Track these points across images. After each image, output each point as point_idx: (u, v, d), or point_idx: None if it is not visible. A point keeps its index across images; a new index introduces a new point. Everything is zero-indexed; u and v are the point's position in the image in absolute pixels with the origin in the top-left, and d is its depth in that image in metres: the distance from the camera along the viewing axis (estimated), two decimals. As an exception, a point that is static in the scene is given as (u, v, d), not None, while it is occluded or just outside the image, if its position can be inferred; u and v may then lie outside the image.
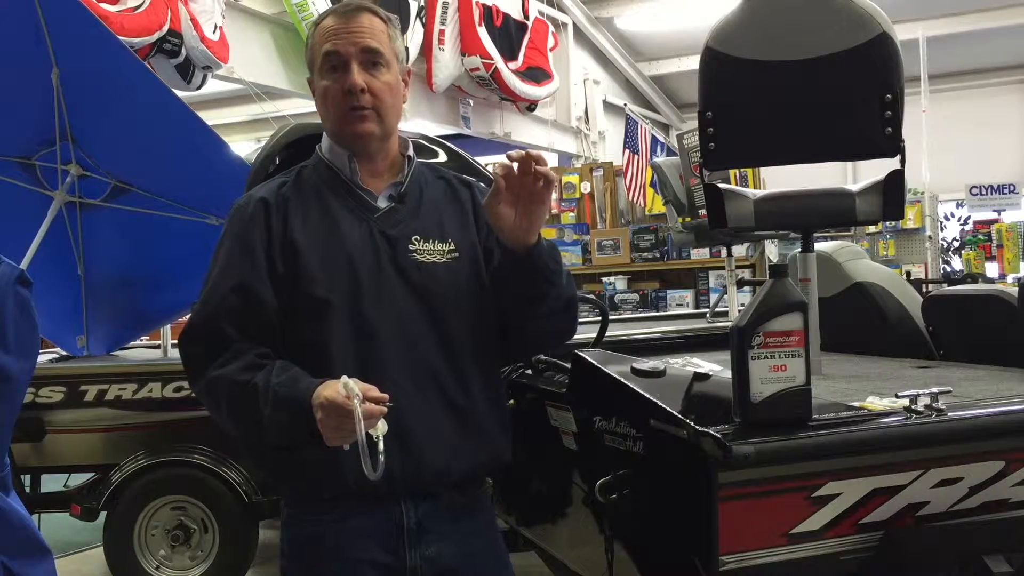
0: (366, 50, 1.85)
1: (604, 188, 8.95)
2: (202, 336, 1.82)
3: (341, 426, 1.62)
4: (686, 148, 4.98)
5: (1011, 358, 2.57)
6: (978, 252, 9.92)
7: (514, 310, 1.90)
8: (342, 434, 1.64)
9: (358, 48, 1.85)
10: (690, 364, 2.34)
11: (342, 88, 1.84)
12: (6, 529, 1.58)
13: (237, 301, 1.80)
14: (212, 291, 1.84)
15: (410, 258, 1.87)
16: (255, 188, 1.96)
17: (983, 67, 12.94)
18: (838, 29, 2.48)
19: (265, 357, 1.78)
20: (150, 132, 4.19)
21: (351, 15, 1.87)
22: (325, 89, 1.87)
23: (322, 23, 1.90)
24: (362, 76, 1.84)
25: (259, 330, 1.81)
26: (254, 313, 1.81)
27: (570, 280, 1.93)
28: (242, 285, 1.81)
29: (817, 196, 2.75)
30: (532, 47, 9.93)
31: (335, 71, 1.85)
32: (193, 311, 1.86)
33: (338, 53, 1.84)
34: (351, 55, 1.84)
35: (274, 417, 1.70)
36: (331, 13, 1.90)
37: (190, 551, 4.26)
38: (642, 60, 13.66)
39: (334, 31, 1.86)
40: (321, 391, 1.66)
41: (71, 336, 4.89)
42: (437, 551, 1.85)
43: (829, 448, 1.75)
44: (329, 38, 1.86)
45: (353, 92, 1.83)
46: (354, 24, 1.86)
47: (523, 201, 1.76)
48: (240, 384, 1.74)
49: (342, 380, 1.64)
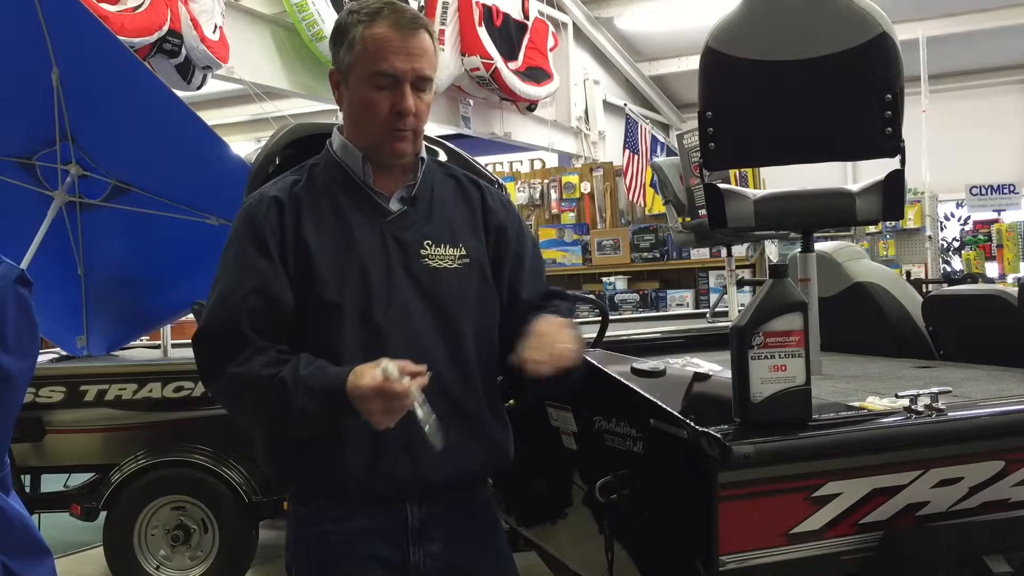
0: (421, 77, 1.84)
1: (604, 188, 8.96)
2: (221, 336, 1.80)
3: (390, 408, 1.65)
4: (686, 148, 4.97)
5: (1011, 358, 2.58)
6: (978, 252, 9.92)
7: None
8: (392, 416, 1.66)
9: (415, 73, 1.83)
10: (690, 364, 2.34)
11: (391, 108, 1.83)
12: (6, 529, 1.58)
13: (258, 302, 1.79)
14: (230, 290, 1.81)
15: (421, 263, 1.87)
16: (266, 186, 1.94)
17: (983, 67, 12.93)
18: (838, 29, 2.48)
19: (285, 353, 1.78)
20: (150, 132, 4.19)
21: (410, 32, 1.82)
22: (370, 103, 1.84)
23: (375, 28, 1.82)
24: (412, 99, 1.83)
25: (277, 330, 1.80)
26: (274, 314, 1.80)
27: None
28: (263, 286, 1.80)
29: (817, 196, 2.75)
30: (532, 47, 9.93)
31: (384, 88, 1.83)
32: (208, 310, 1.83)
33: (394, 76, 1.82)
34: (407, 79, 1.82)
35: (307, 408, 1.70)
36: (384, 19, 1.82)
37: (190, 551, 4.25)
38: (642, 60, 13.66)
39: (392, 47, 1.81)
40: (359, 381, 1.67)
41: (71, 336, 4.88)
42: (440, 548, 1.87)
43: (829, 448, 1.75)
44: (386, 55, 1.81)
45: (403, 116, 1.83)
46: (413, 45, 1.82)
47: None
48: (266, 378, 1.73)
49: (381, 366, 1.65)
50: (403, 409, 1.65)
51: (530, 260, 2.01)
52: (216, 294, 1.83)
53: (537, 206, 9.23)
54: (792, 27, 2.54)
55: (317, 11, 7.00)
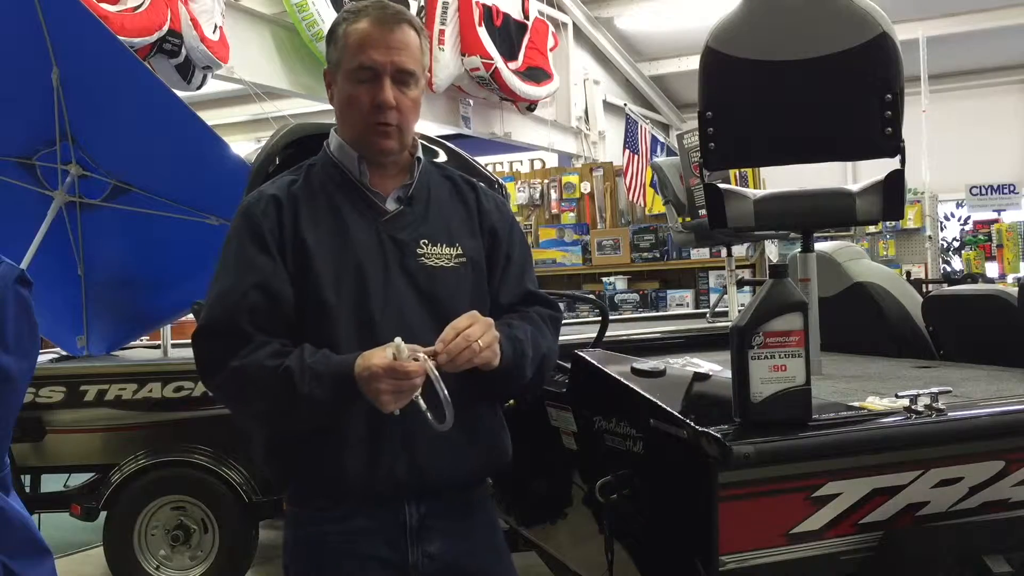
0: (401, 70, 1.84)
1: (604, 188, 8.96)
2: (222, 332, 1.79)
3: (400, 389, 1.65)
4: (686, 148, 4.98)
5: (1011, 358, 2.58)
6: (978, 252, 9.93)
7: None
8: (401, 397, 1.66)
9: (394, 66, 1.83)
10: (690, 364, 2.34)
11: (371, 101, 1.83)
12: (6, 529, 1.58)
13: (259, 298, 1.79)
14: (230, 288, 1.81)
15: (418, 262, 1.87)
16: (265, 185, 1.95)
17: (983, 67, 12.94)
18: (838, 29, 2.48)
19: (287, 346, 1.78)
20: (150, 132, 4.19)
21: (390, 26, 1.84)
22: (352, 97, 1.85)
23: (357, 24, 1.85)
24: (393, 92, 1.83)
25: (278, 327, 1.80)
26: (275, 310, 1.80)
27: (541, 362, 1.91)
28: (263, 282, 1.80)
29: (817, 196, 2.75)
30: (532, 47, 9.93)
31: (366, 82, 1.84)
32: (208, 307, 1.83)
33: (373, 68, 1.83)
34: (386, 71, 1.83)
35: (314, 394, 1.70)
36: (367, 15, 1.85)
37: (190, 551, 4.25)
38: (642, 60, 13.66)
39: (371, 41, 1.83)
40: (369, 361, 1.67)
41: (71, 336, 4.88)
42: (439, 548, 1.86)
43: (829, 448, 1.75)
44: (365, 48, 1.83)
45: (382, 108, 1.83)
46: (393, 38, 1.83)
47: None
48: (271, 368, 1.73)
49: (395, 344, 1.65)
50: (413, 390, 1.65)
51: (516, 265, 2.00)
52: (215, 291, 1.83)
53: (537, 206, 9.23)
54: (792, 27, 2.54)
55: (317, 11, 7.01)
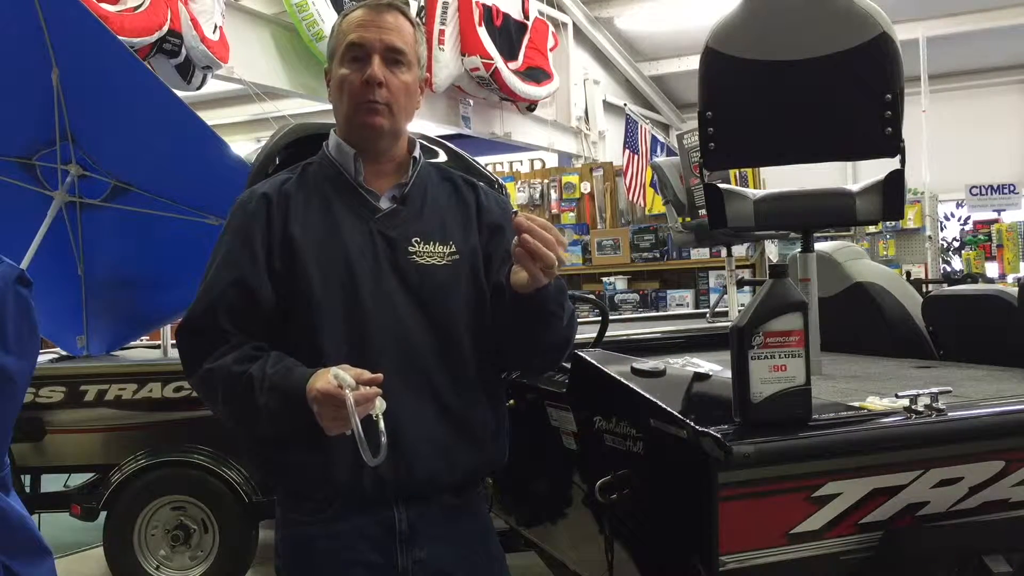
0: (391, 47, 1.86)
1: (604, 188, 8.96)
2: (200, 329, 1.83)
3: (338, 415, 1.63)
4: (686, 148, 4.97)
5: (1011, 358, 2.57)
6: (978, 252, 9.94)
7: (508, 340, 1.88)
8: (341, 423, 1.65)
9: (383, 43, 1.85)
10: (690, 364, 2.34)
11: (360, 78, 1.84)
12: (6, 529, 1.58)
13: (235, 296, 1.81)
14: (211, 284, 1.84)
15: (409, 260, 1.86)
16: (258, 184, 1.96)
17: (983, 67, 12.93)
18: (838, 29, 2.48)
19: (260, 350, 1.79)
20: (150, 132, 4.19)
21: (381, 10, 1.88)
22: (343, 78, 1.87)
23: (351, 14, 1.90)
24: (382, 70, 1.84)
25: (256, 326, 1.81)
26: (251, 309, 1.81)
27: (571, 322, 1.90)
28: (241, 280, 1.81)
29: (817, 196, 2.75)
30: (532, 47, 9.92)
31: (356, 61, 1.86)
32: (193, 302, 1.86)
33: (362, 45, 1.85)
34: (375, 48, 1.85)
35: (269, 406, 1.71)
36: (362, 6, 1.90)
37: (190, 551, 4.26)
38: (642, 60, 13.66)
39: (362, 23, 1.86)
40: (314, 383, 1.67)
41: (71, 336, 4.89)
42: (428, 553, 1.84)
43: (829, 448, 1.75)
44: (356, 29, 1.86)
45: (371, 84, 1.84)
46: (383, 19, 1.86)
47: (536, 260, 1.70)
48: (235, 374, 1.75)
49: (332, 371, 1.65)
50: (345, 419, 1.62)
51: None
52: (201, 287, 1.87)
53: (537, 206, 9.24)
54: (792, 27, 2.54)
55: (317, 11, 7.00)
